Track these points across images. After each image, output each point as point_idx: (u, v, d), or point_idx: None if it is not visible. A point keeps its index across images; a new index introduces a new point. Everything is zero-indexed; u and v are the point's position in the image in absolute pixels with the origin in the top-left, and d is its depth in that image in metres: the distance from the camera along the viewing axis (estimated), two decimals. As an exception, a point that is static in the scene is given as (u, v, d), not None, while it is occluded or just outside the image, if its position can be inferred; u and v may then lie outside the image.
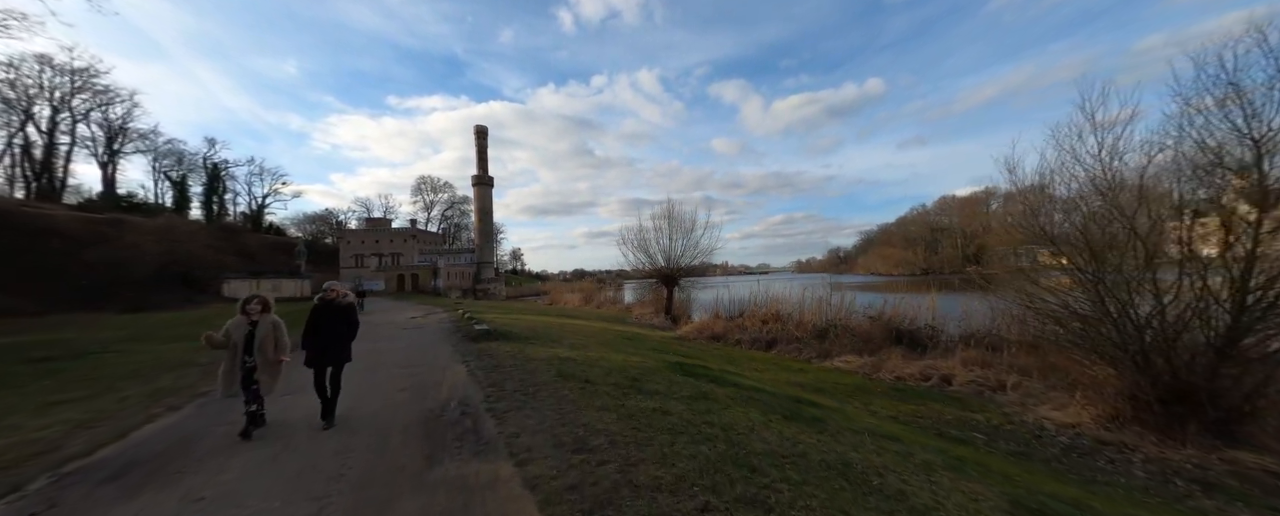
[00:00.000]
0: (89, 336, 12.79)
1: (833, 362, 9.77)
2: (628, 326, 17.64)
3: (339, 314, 4.30)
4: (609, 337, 11.78)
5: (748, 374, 8.14)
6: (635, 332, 14.58)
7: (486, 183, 60.14)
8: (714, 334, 13.93)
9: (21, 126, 46.99)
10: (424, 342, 9.26)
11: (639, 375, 5.81)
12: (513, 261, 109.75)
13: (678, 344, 12.42)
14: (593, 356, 7.28)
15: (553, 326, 13.36)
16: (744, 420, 3.93)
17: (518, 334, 10.07)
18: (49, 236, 27.91)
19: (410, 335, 10.81)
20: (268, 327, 4.08)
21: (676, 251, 21.45)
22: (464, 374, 5.85)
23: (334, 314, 4.27)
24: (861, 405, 6.53)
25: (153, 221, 31.69)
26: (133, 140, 54.92)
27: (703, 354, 10.55)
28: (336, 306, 4.33)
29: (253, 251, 51.82)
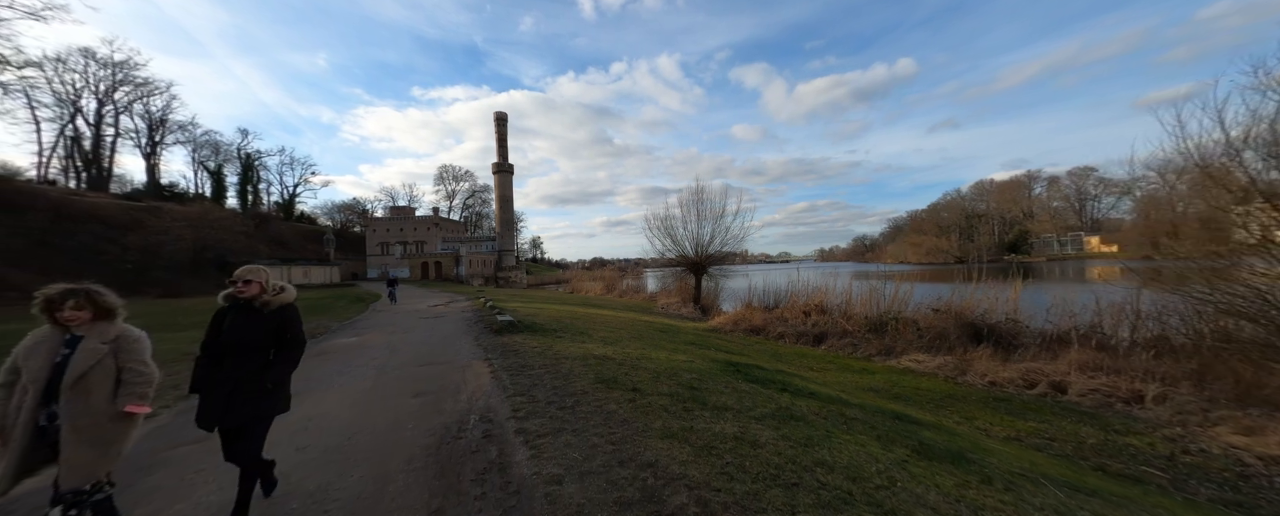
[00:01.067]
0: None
1: (900, 362, 8.52)
2: (656, 317, 16.66)
3: (260, 326, 2.28)
4: (641, 330, 10.81)
5: (810, 376, 7.02)
6: (667, 324, 13.58)
7: (507, 170, 59.75)
8: (752, 326, 12.78)
9: (71, 119, 49.18)
10: (444, 334, 8.50)
11: (694, 381, 4.78)
12: (532, 250, 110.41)
13: (716, 338, 11.34)
14: (631, 354, 6.30)
15: (579, 317, 12.50)
16: (865, 458, 2.84)
17: (544, 325, 9.21)
18: (93, 222, 28.89)
19: (430, 325, 10.12)
20: (99, 351, 1.92)
21: (705, 238, 20.23)
22: (487, 376, 4.95)
23: (250, 326, 2.27)
24: (961, 418, 5.34)
25: (187, 209, 32.47)
26: (172, 132, 56.92)
27: (748, 350, 9.45)
28: (256, 311, 2.31)
29: (284, 239, 53.26)
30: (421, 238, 55.94)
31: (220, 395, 2.20)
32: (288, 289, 2.49)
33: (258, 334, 2.29)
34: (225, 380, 2.21)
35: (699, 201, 20.28)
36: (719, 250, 20.23)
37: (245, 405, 2.23)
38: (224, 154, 61.46)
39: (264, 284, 2.38)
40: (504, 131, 59.54)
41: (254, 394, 2.24)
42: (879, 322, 10.91)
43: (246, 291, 2.33)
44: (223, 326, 2.32)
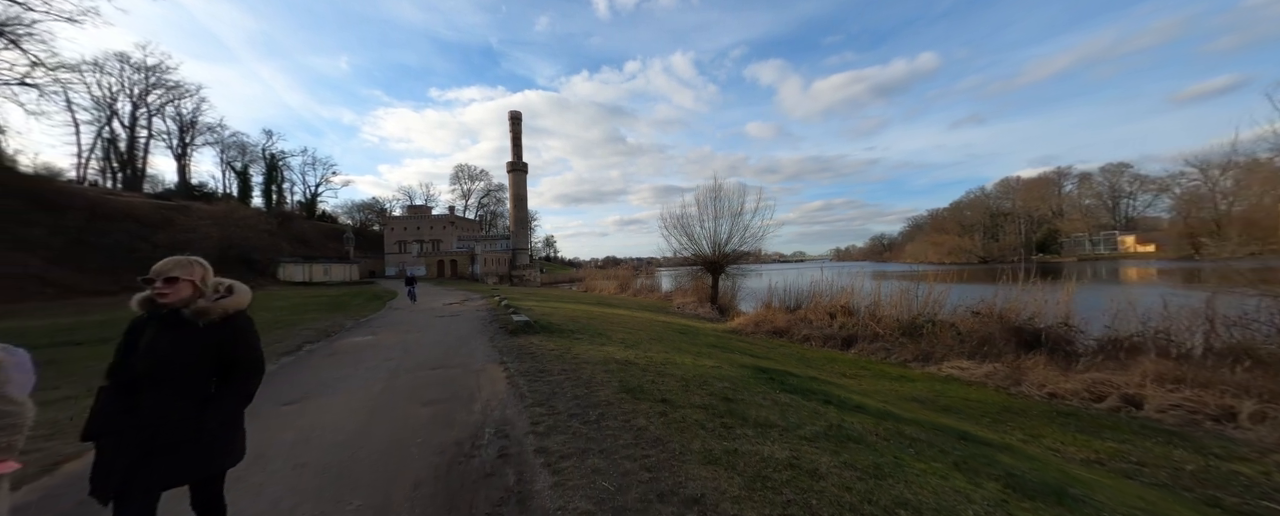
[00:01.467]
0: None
1: (941, 369, 7.89)
2: (673, 317, 16.22)
3: (194, 344, 1.61)
4: (660, 331, 10.40)
5: (846, 384, 6.50)
6: (685, 325, 13.13)
7: (521, 169, 59.96)
8: (775, 328, 12.23)
9: (108, 121, 51.24)
10: (458, 334, 8.23)
11: (727, 390, 4.34)
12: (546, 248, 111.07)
13: (738, 340, 10.85)
14: (655, 359, 5.89)
15: (595, 317, 12.15)
16: (953, 497, 2.36)
17: (560, 326, 8.87)
18: (127, 221, 29.88)
19: (445, 324, 9.89)
20: None
21: (723, 237, 19.67)
22: (503, 382, 4.60)
23: (179, 344, 1.60)
24: (1026, 436, 4.77)
25: (213, 208, 33.35)
26: (202, 133, 58.86)
27: (774, 353, 8.94)
28: (186, 324, 1.63)
29: (307, 237, 54.51)
30: (438, 236, 56.61)
31: (129, 445, 1.47)
32: (238, 290, 1.77)
33: (189, 355, 1.58)
34: (140, 425, 1.49)
35: (716, 199, 19.75)
36: (737, 249, 19.67)
37: (170, 461, 1.51)
38: (250, 155, 63.34)
39: (198, 283, 1.68)
40: (518, 130, 59.75)
41: (185, 443, 1.54)
42: (912, 326, 10.26)
43: (170, 296, 1.62)
44: (139, 344, 1.60)
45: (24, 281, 18.57)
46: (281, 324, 10.88)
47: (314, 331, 9.19)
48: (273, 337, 8.27)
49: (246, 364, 1.71)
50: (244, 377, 1.71)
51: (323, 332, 9.00)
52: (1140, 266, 62.59)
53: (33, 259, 20.34)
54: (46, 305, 17.08)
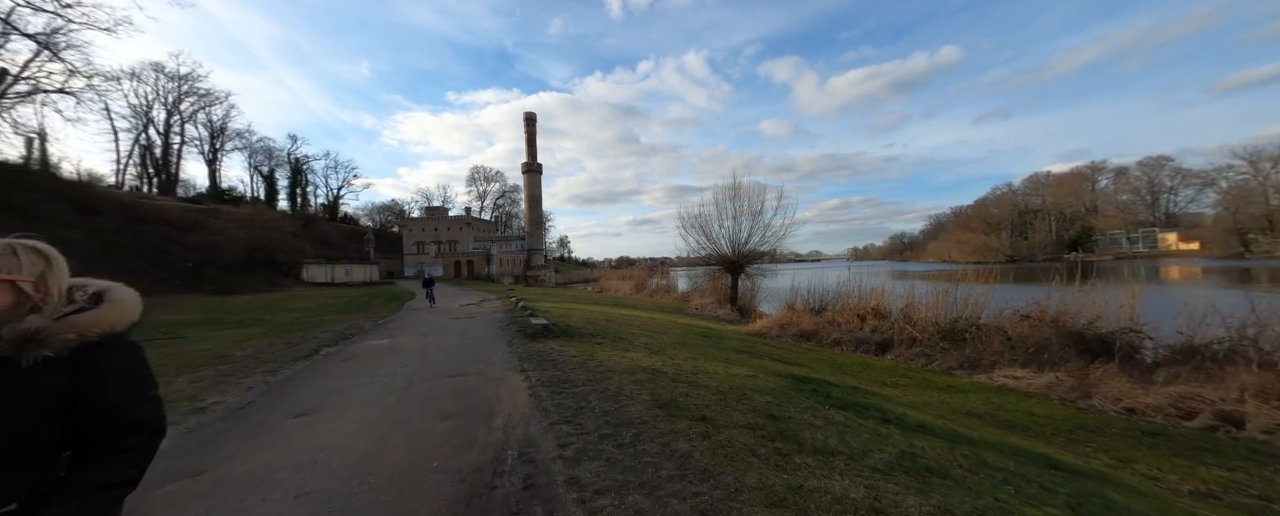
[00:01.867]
0: (166, 319, 13.12)
1: (992, 378, 7.26)
2: (693, 318, 15.76)
3: (28, 393, 0.93)
4: (682, 334, 9.96)
5: (892, 395, 5.96)
6: (706, 327, 12.66)
7: (536, 169, 60.19)
8: (802, 331, 11.65)
9: (144, 129, 53.43)
10: (476, 338, 7.96)
11: (770, 406, 3.90)
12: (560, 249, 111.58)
13: (764, 344, 10.34)
14: (684, 367, 5.47)
15: (614, 318, 11.80)
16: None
17: (580, 329, 8.53)
18: (160, 224, 30.93)
19: (462, 327, 9.67)
20: None
21: (742, 236, 19.10)
22: (525, 393, 4.25)
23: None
24: (1114, 461, 4.19)
25: (240, 211, 34.25)
26: (231, 139, 60.88)
27: (805, 359, 8.42)
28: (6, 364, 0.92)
29: (329, 239, 55.82)
30: (454, 237, 57.27)
31: None
32: (113, 298, 1.11)
33: (20, 411, 0.93)
34: None
35: (735, 198, 19.20)
36: (756, 248, 19.06)
37: None
38: (276, 159, 65.23)
39: (28, 287, 1.00)
40: (533, 131, 59.99)
41: None
42: (952, 330, 9.57)
43: None
44: None
45: (63, 283, 19.24)
46: (301, 326, 10.85)
47: (332, 334, 9.06)
48: (291, 341, 8.15)
49: (122, 426, 1.00)
50: (117, 453, 0.98)
51: (340, 336, 8.85)
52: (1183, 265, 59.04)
53: (71, 263, 21.05)
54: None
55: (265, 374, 5.47)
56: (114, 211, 28.90)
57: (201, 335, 9.38)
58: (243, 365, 5.98)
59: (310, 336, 8.81)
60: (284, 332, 9.43)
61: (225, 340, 8.26)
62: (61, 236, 15.13)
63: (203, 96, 56.37)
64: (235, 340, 8.25)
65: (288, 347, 7.28)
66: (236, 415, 3.95)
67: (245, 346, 7.45)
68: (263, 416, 3.87)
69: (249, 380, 5.16)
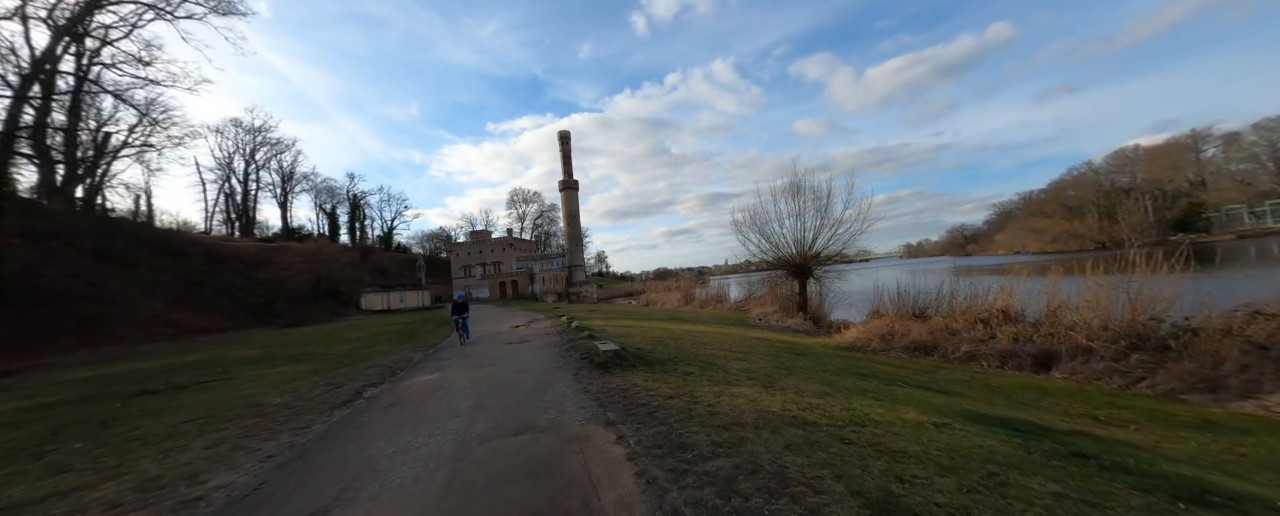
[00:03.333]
0: (231, 356, 13.13)
1: (1272, 408, 5.00)
2: (765, 331, 13.90)
3: None
4: (771, 354, 8.27)
5: (1132, 438, 4.00)
6: (789, 342, 10.82)
7: (572, 186, 60.56)
8: (915, 343, 9.54)
9: (227, 178, 59.25)
10: (536, 369, 6.74)
11: (1042, 498, 2.23)
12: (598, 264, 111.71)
13: (877, 362, 8.41)
14: (831, 412, 3.86)
15: (681, 336, 10.28)
16: None
17: (653, 353, 7.10)
18: (236, 263, 33.29)
19: (516, 354, 8.53)
20: None
21: (809, 235, 17.06)
22: (628, 471, 2.83)
23: None
24: None
25: (305, 246, 36.20)
26: (299, 182, 66.44)
27: (959, 385, 6.45)
28: None
29: (384, 267, 58.67)
30: (498, 258, 58.34)
31: None
32: None
33: None
34: None
35: (798, 192, 17.25)
36: (825, 248, 16.93)
37: None
38: (336, 197, 70.35)
39: None
40: (568, 149, 60.63)
41: None
42: (1143, 336, 7.20)
43: None
44: None
45: (149, 323, 20.50)
46: (351, 359, 10.21)
47: (380, 369, 8.20)
48: (335, 379, 7.31)
49: None
50: None
51: (388, 371, 7.95)
52: (1337, 238, 48.29)
53: (158, 302, 22.62)
54: (167, 345, 18.52)
55: (294, 431, 4.44)
56: (198, 254, 31.38)
57: (252, 374, 8.86)
58: (275, 417, 5.04)
59: (357, 372, 7.98)
60: (332, 367, 8.71)
61: (269, 381, 7.57)
62: (151, 279, 15.94)
63: (274, 145, 62.00)
64: (280, 381, 7.54)
65: (329, 391, 6.37)
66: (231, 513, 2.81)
67: (286, 389, 6.64)
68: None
69: (272, 442, 4.13)
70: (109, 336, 18.41)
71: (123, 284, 22.79)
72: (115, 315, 19.87)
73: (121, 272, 23.75)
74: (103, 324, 18.85)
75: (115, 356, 15.60)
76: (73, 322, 18.00)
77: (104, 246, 24.39)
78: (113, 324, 19.22)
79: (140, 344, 18.37)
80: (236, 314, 26.49)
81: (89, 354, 16.20)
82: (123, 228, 28.36)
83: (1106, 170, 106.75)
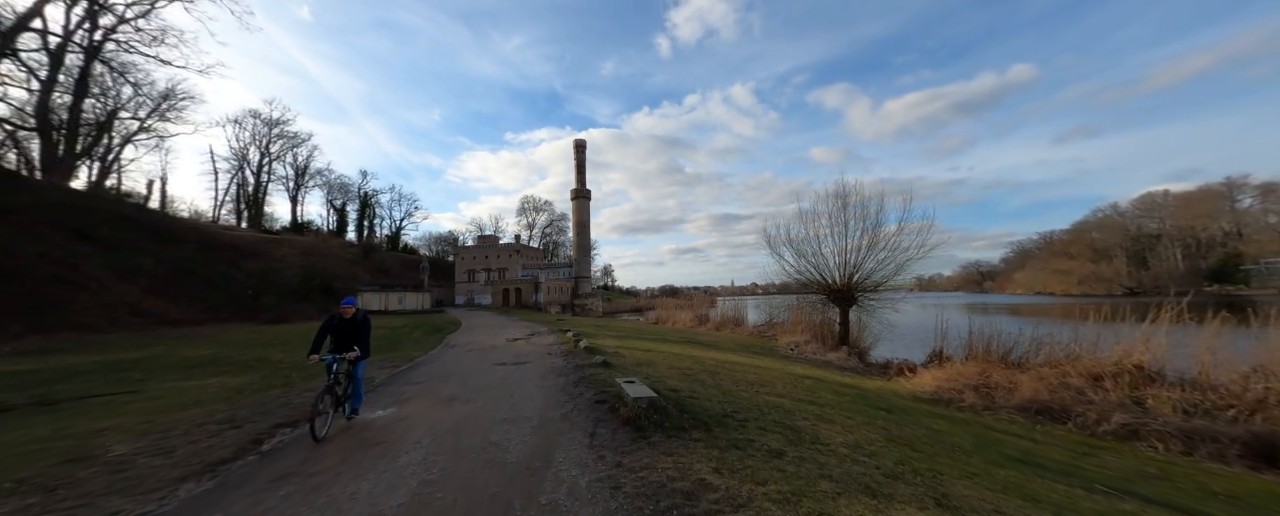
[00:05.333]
0: (178, 355, 11.18)
1: None
2: (811, 367, 11.59)
3: None
4: (854, 407, 6.06)
5: None
6: (854, 387, 8.55)
7: (584, 195, 59.14)
8: (1032, 401, 7.22)
9: (240, 169, 58.85)
10: (530, 415, 4.63)
11: None
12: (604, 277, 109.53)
13: (1009, 434, 6.12)
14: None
15: (717, 369, 8.10)
16: None
17: (698, 401, 4.95)
18: (228, 251, 31.78)
19: (507, 384, 6.42)
20: None
21: (856, 257, 14.89)
22: None
23: None
24: None
25: (303, 239, 34.70)
26: (312, 177, 65.97)
27: (1169, 488, 4.19)
28: None
29: (387, 267, 57.09)
30: (503, 265, 56.61)
31: None
32: None
33: None
34: None
35: (844, 207, 15.17)
36: (875, 273, 14.72)
37: None
38: (348, 194, 69.70)
39: None
40: (582, 158, 59.55)
41: None
42: None
43: None
44: None
45: (117, 310, 18.72)
46: (306, 371, 8.16)
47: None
48: (260, 404, 5.24)
49: None
50: None
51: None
52: (1395, 299, 45.09)
53: (133, 289, 20.91)
54: (129, 336, 16.65)
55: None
56: (191, 240, 29.94)
57: (167, 387, 6.84)
58: (79, 487, 2.96)
59: (291, 396, 5.91)
60: (270, 384, 6.66)
61: (170, 402, 5.54)
62: (132, 263, 13.78)
63: (290, 139, 61.72)
64: (185, 401, 5.51)
65: (218, 433, 4.29)
66: None
67: (179, 416, 4.60)
68: None
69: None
70: (69, 323, 16.59)
71: (99, 267, 21.17)
72: (82, 300, 18.12)
73: (101, 255, 22.18)
74: (64, 309, 17.07)
75: (61, 346, 13.73)
76: (29, 306, 16.23)
77: (87, 226, 22.95)
78: (76, 309, 17.43)
79: (100, 333, 16.52)
80: (219, 305, 24.70)
81: (39, 341, 14.33)
82: (112, 208, 27.04)
83: (1133, 214, 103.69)
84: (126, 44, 28.04)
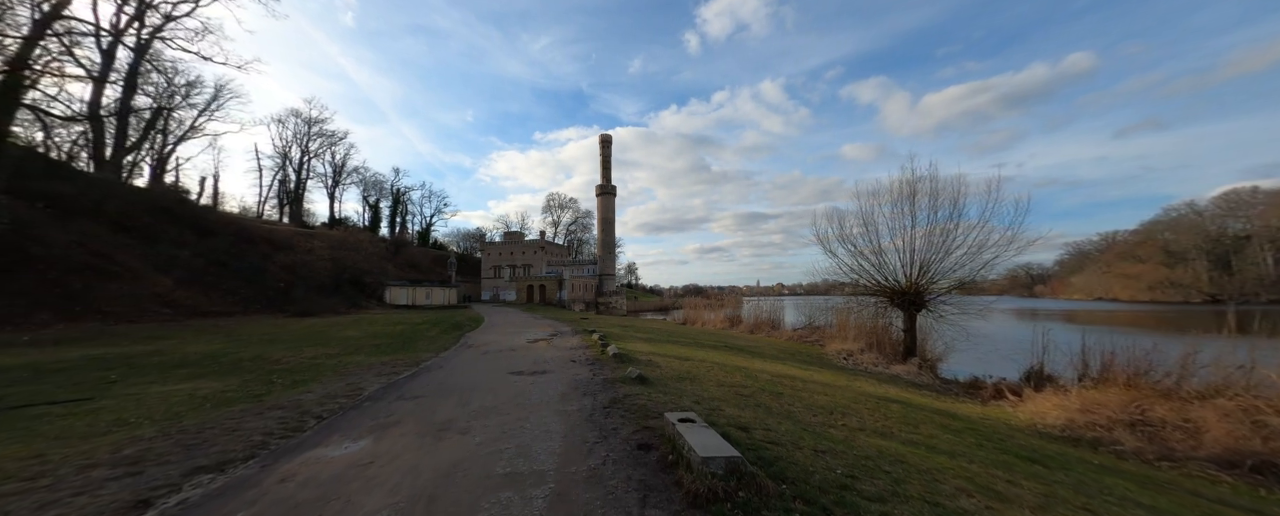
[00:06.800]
0: (178, 349, 10.49)
1: None
2: (879, 383, 9.70)
3: None
4: (984, 454, 4.29)
5: None
6: (950, 413, 6.70)
7: (610, 192, 57.99)
8: (1242, 452, 5.21)
9: (283, 166, 61.05)
10: (544, 460, 3.19)
11: None
12: (628, 275, 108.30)
13: (1202, 495, 4.22)
14: None
15: (780, 388, 6.44)
16: None
17: (781, 444, 3.38)
18: (263, 244, 32.35)
19: (520, 405, 5.01)
20: None
21: (929, 254, 12.76)
22: None
23: None
24: None
25: (333, 232, 35.01)
26: (349, 174, 67.90)
27: None
28: None
29: (417, 262, 57.87)
30: (528, 261, 56.23)
31: None
32: None
33: None
34: None
35: (912, 195, 13.05)
36: (957, 271, 12.56)
37: None
38: (382, 191, 71.41)
39: None
40: (608, 153, 58.40)
41: None
42: None
43: None
44: None
45: (148, 301, 18.77)
46: (300, 373, 7.07)
47: (294, 411, 4.90)
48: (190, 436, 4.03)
49: None
50: None
51: (297, 420, 4.62)
52: None
53: (166, 280, 21.09)
54: (155, 327, 16.51)
55: None
56: (228, 233, 30.58)
57: (140, 389, 5.84)
58: None
59: (256, 413, 4.70)
60: (237, 399, 5.52)
61: (113, 415, 4.47)
62: (169, 254, 13.34)
63: (328, 137, 63.61)
64: (125, 416, 4.42)
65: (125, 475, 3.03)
66: None
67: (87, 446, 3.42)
68: None
69: None
70: (97, 312, 16.59)
71: (135, 257, 21.48)
72: (112, 289, 18.22)
73: (138, 245, 22.58)
74: (94, 298, 17.13)
75: (82, 336, 13.47)
76: (59, 293, 16.32)
77: (127, 217, 23.48)
78: (106, 299, 17.50)
79: (129, 322, 16.44)
80: (250, 298, 24.85)
81: (62, 330, 14.21)
82: (153, 201, 27.79)
83: (1214, 214, 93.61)
84: (171, 40, 28.80)
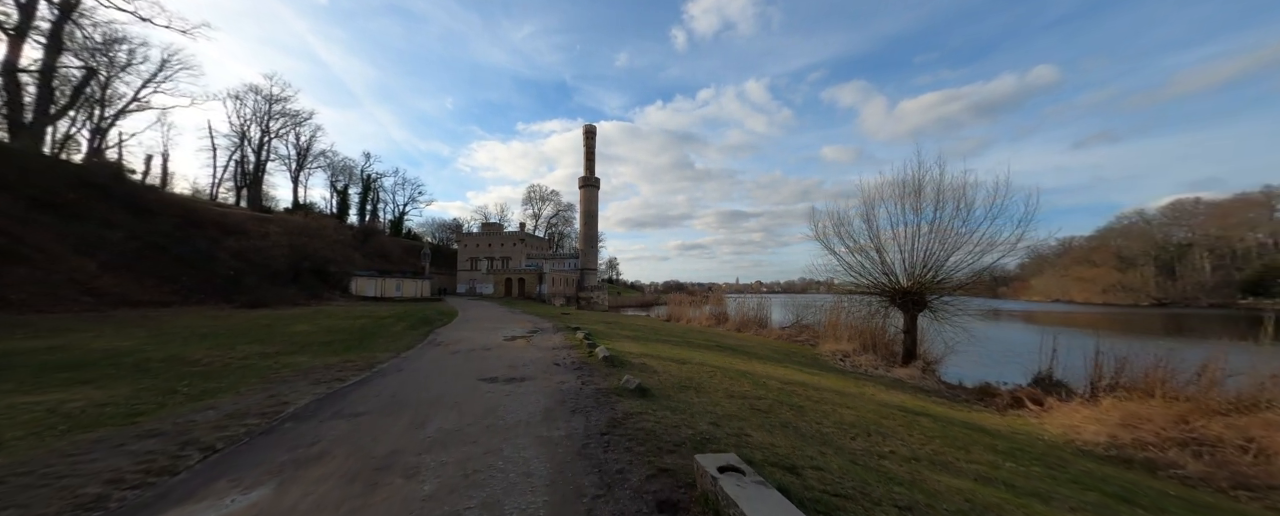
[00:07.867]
0: (84, 346, 8.79)
1: None
2: (887, 389, 8.98)
3: None
4: (1027, 478, 3.47)
5: None
6: (981, 426, 5.97)
7: (593, 184, 56.48)
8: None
9: (240, 146, 56.67)
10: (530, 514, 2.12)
11: None
12: (609, 270, 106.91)
13: None
14: None
15: (797, 399, 5.54)
16: None
17: (843, 494, 2.42)
18: (211, 228, 29.54)
19: (490, 426, 3.89)
20: None
21: (933, 252, 12.20)
22: None
23: None
24: None
25: (291, 218, 32.44)
26: (314, 158, 63.72)
27: None
28: None
29: (387, 252, 54.83)
30: (507, 253, 54.24)
31: None
32: None
33: None
34: None
35: (919, 191, 12.45)
36: (961, 269, 12.03)
37: None
38: (351, 177, 67.44)
39: None
40: (592, 145, 56.81)
41: None
42: None
43: None
44: None
45: (65, 288, 16.44)
46: (224, 378, 5.69)
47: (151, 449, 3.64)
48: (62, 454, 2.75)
49: None
50: None
51: (154, 463, 3.38)
52: None
53: (90, 264, 18.64)
54: (68, 318, 14.36)
55: None
56: (170, 214, 27.70)
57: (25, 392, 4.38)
58: None
59: (92, 458, 3.42)
60: (109, 418, 4.19)
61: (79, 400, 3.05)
62: (97, 236, 10.81)
63: (291, 117, 59.41)
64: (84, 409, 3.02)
65: None
66: None
67: None
68: None
69: None
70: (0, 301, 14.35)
71: (54, 239, 18.89)
72: (21, 275, 15.84)
73: (59, 225, 19.90)
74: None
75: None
76: (-50, 278, 13.99)
77: (47, 192, 20.71)
78: (11, 284, 15.18)
79: (37, 312, 14.24)
80: (192, 286, 22.43)
81: (-51, 321, 12.05)
82: (81, 175, 24.77)
83: (1161, 222, 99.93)
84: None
